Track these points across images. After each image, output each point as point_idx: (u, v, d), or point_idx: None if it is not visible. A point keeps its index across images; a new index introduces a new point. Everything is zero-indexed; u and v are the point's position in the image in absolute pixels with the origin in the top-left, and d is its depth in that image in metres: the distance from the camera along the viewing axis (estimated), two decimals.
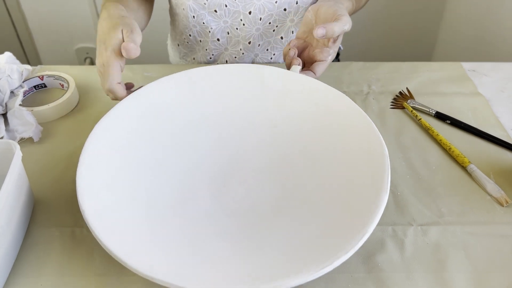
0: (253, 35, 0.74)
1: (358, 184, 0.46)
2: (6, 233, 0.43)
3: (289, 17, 0.72)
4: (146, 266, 0.38)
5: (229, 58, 0.79)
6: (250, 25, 0.72)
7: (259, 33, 0.74)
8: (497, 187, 0.52)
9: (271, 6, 0.69)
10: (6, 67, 0.63)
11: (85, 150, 0.48)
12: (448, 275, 0.44)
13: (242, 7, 0.70)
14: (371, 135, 0.49)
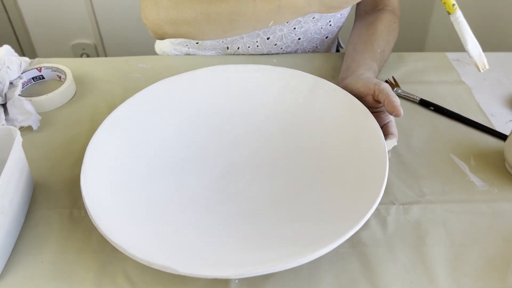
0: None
1: (357, 180, 0.49)
2: (8, 212, 0.45)
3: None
4: (142, 251, 0.40)
5: (242, 46, 0.75)
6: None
7: (281, 34, 0.73)
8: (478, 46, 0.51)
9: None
10: (5, 59, 0.65)
11: (94, 138, 0.51)
12: (428, 249, 0.47)
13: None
14: (372, 130, 0.51)
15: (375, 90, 0.54)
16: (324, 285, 0.44)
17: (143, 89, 0.58)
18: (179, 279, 0.44)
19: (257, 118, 0.60)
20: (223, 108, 0.60)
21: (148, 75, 0.71)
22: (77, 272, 0.45)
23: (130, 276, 0.44)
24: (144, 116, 0.57)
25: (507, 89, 0.69)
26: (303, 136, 0.57)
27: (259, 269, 0.39)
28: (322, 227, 0.45)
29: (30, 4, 1.40)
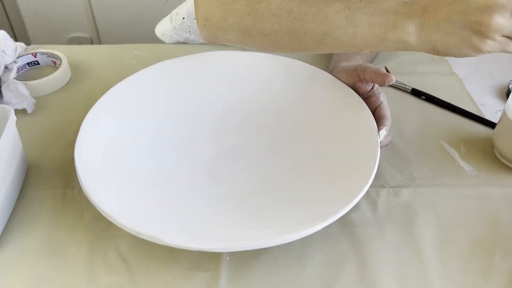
0: None
1: (349, 161, 0.50)
2: (1, 188, 0.46)
3: None
4: (135, 223, 0.41)
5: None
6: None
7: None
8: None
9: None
10: (0, 43, 0.65)
11: (90, 114, 0.52)
12: (416, 230, 0.48)
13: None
14: (366, 121, 0.52)
15: (359, 74, 0.55)
16: (314, 263, 0.44)
17: (140, 70, 0.59)
18: (170, 256, 0.45)
19: (254, 105, 0.60)
20: (221, 93, 0.60)
21: (144, 62, 0.71)
22: (69, 249, 0.45)
23: (122, 253, 0.45)
24: (141, 96, 0.57)
25: (497, 81, 0.70)
26: (298, 124, 0.58)
27: (247, 244, 0.39)
28: (313, 208, 0.46)
29: None
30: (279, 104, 0.60)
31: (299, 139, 0.56)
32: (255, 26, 0.48)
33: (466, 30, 0.40)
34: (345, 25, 0.44)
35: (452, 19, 0.40)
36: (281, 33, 0.47)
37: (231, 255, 0.45)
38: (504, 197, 0.51)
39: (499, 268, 0.44)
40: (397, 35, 0.43)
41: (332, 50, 0.47)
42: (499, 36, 0.39)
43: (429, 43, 0.42)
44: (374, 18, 0.43)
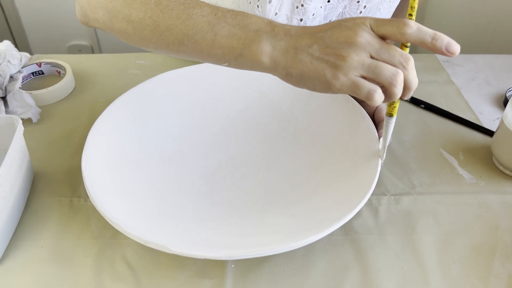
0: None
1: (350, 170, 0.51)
2: (9, 198, 0.46)
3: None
4: (142, 232, 0.42)
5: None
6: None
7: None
8: None
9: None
10: (6, 53, 0.66)
11: (96, 124, 0.53)
12: (418, 237, 0.48)
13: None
14: (366, 129, 0.53)
15: (376, 114, 0.56)
16: (317, 271, 0.45)
17: (144, 81, 0.60)
18: (176, 264, 0.45)
19: (254, 113, 0.61)
20: (222, 102, 0.62)
21: (146, 71, 0.73)
22: (76, 257, 0.46)
23: (128, 261, 0.46)
24: (145, 106, 0.58)
25: (494, 89, 0.72)
26: (299, 132, 0.59)
27: (253, 251, 0.40)
28: (316, 216, 0.46)
29: (28, 6, 1.41)
30: (279, 112, 0.61)
31: (300, 147, 0.57)
32: (122, 10, 0.46)
33: (322, 62, 0.38)
34: (205, 30, 0.42)
35: (311, 49, 0.39)
36: (144, 23, 0.45)
37: (236, 262, 0.46)
38: (503, 204, 0.52)
39: (498, 274, 0.45)
40: (253, 52, 0.41)
41: (192, 55, 0.45)
42: (353, 74, 0.38)
43: (283, 68, 0.40)
44: (235, 30, 0.41)
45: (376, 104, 0.38)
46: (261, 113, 0.61)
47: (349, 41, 0.38)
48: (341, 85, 0.38)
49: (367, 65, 0.38)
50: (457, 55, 0.39)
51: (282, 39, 0.40)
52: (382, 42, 0.38)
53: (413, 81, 0.39)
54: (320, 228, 0.42)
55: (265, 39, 0.40)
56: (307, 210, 0.48)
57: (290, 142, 0.58)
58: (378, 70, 0.38)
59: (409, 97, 0.40)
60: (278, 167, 0.55)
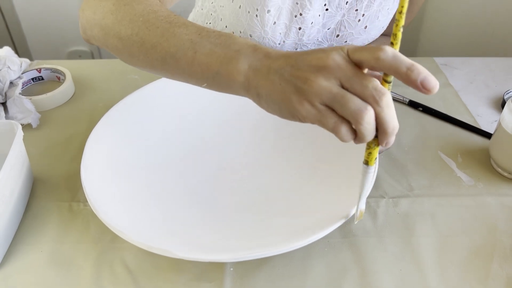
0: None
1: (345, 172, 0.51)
2: (9, 202, 0.47)
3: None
4: (141, 235, 0.42)
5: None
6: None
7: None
8: None
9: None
10: (6, 59, 0.67)
11: (95, 130, 0.53)
12: (416, 239, 0.49)
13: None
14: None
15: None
16: (316, 273, 0.45)
17: (143, 86, 0.60)
18: (175, 267, 0.46)
19: (250, 116, 0.62)
20: (219, 106, 0.62)
21: (145, 76, 0.73)
22: (75, 261, 0.46)
23: (127, 265, 0.46)
24: (144, 111, 0.59)
25: (492, 91, 0.72)
26: (296, 134, 0.59)
27: (256, 253, 0.40)
28: (314, 218, 0.47)
29: (28, 13, 1.42)
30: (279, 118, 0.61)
31: (296, 148, 0.57)
32: (113, 27, 0.47)
33: (290, 86, 0.36)
34: (187, 48, 0.42)
35: (282, 70, 0.36)
36: (132, 39, 0.46)
37: (235, 266, 0.46)
38: (501, 206, 0.53)
39: (496, 276, 0.45)
40: (229, 71, 0.39)
41: (174, 73, 0.45)
42: (318, 101, 0.35)
43: (254, 88, 0.38)
44: (216, 49, 0.40)
45: (345, 141, 0.36)
46: (256, 116, 0.62)
47: (320, 64, 0.35)
48: (307, 113, 0.35)
49: (333, 94, 0.34)
50: (455, 59, 0.37)
51: (259, 60, 0.39)
52: (357, 70, 0.34)
53: (389, 122, 0.35)
54: (317, 229, 0.42)
55: (243, 58, 0.39)
56: (308, 209, 0.49)
57: (286, 143, 0.58)
58: (344, 101, 0.34)
59: (388, 146, 0.36)
60: (275, 169, 0.56)
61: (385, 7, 0.63)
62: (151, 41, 0.44)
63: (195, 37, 0.42)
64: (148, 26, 0.45)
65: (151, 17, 0.45)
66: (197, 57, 0.41)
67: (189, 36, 0.42)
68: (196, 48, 0.41)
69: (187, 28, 0.43)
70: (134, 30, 0.45)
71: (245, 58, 0.39)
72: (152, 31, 0.44)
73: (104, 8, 0.48)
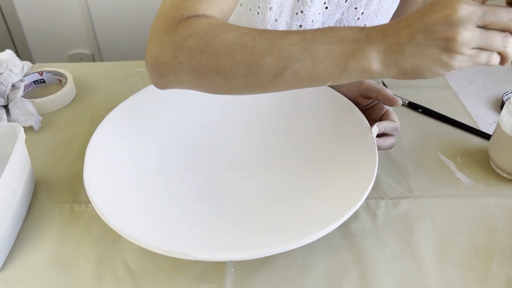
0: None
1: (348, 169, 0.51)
2: (11, 204, 0.47)
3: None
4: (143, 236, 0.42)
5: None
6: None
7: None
8: None
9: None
10: (8, 62, 0.67)
11: (96, 134, 0.54)
12: (415, 239, 0.49)
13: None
14: (358, 122, 0.54)
15: (361, 90, 0.57)
16: (316, 274, 0.46)
17: (144, 88, 0.60)
18: (176, 268, 0.46)
19: (248, 116, 0.62)
20: (220, 105, 0.62)
21: (146, 78, 0.73)
22: (77, 262, 0.46)
23: (128, 265, 0.46)
24: (144, 112, 0.59)
25: (492, 93, 0.72)
26: (293, 132, 0.60)
27: (274, 249, 0.40)
28: (314, 217, 0.47)
29: (29, 16, 1.43)
30: (271, 113, 0.62)
31: (295, 146, 0.58)
32: (208, 64, 0.44)
33: (433, 49, 0.38)
34: (303, 57, 0.41)
35: (416, 40, 0.38)
36: (236, 69, 0.43)
37: (235, 266, 0.46)
38: (500, 206, 0.53)
39: (496, 276, 0.45)
40: (360, 62, 0.40)
41: (291, 85, 0.44)
42: (467, 49, 0.37)
43: (395, 67, 0.40)
44: (333, 47, 0.40)
45: (494, 65, 0.39)
46: (254, 116, 0.62)
47: (451, 20, 0.36)
48: (460, 63, 0.38)
49: (478, 37, 0.37)
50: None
51: (382, 41, 0.39)
52: (483, 6, 0.37)
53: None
54: (317, 228, 0.42)
55: (366, 46, 0.40)
56: (314, 204, 0.49)
57: (284, 141, 0.59)
58: (489, 40, 0.37)
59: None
60: (274, 169, 0.56)
61: (384, 6, 0.63)
62: (259, 63, 0.42)
63: (304, 43, 0.41)
64: (249, 50, 0.42)
65: (247, 40, 0.43)
66: (317, 62, 0.41)
67: (298, 45, 0.41)
68: (313, 54, 0.41)
69: (289, 37, 0.42)
70: (237, 59, 0.43)
71: (368, 46, 0.40)
72: (257, 54, 0.42)
73: (188, 48, 0.44)
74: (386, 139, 0.55)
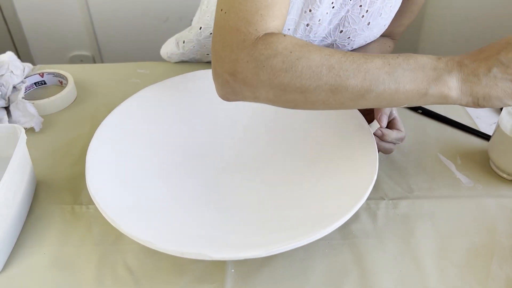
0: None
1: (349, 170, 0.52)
2: (12, 205, 0.47)
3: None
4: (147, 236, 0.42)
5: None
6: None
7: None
8: None
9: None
10: (9, 64, 0.67)
11: (96, 136, 0.54)
12: (415, 240, 0.49)
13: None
14: (364, 133, 0.54)
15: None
16: (317, 275, 0.46)
17: (143, 88, 0.61)
18: (177, 269, 0.46)
19: (247, 118, 0.62)
20: (220, 105, 0.62)
21: (146, 80, 0.74)
22: (78, 263, 0.46)
23: (129, 266, 0.46)
24: (144, 113, 0.60)
25: None
26: (292, 133, 0.60)
27: (288, 244, 0.41)
28: (314, 218, 0.47)
29: (30, 18, 1.43)
30: (275, 117, 0.62)
31: (291, 146, 0.58)
32: (292, 83, 0.45)
33: (507, 82, 0.43)
34: (388, 81, 0.44)
35: (493, 73, 0.43)
36: (320, 89, 0.45)
37: (236, 267, 0.46)
38: (500, 207, 0.53)
39: (496, 276, 0.45)
40: (439, 89, 0.44)
41: (370, 105, 0.47)
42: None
43: (470, 96, 0.44)
44: (416, 74, 0.44)
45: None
46: (253, 116, 0.62)
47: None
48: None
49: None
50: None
51: (460, 70, 0.44)
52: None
53: None
54: (318, 228, 0.42)
55: (447, 74, 0.44)
56: (314, 205, 0.49)
57: (284, 142, 0.59)
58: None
59: None
60: (272, 171, 0.56)
61: (388, 5, 0.64)
62: (344, 85, 0.45)
63: (388, 68, 0.44)
64: (336, 72, 0.44)
65: (333, 62, 0.44)
66: (401, 87, 0.44)
67: (383, 70, 0.44)
68: (397, 79, 0.44)
69: (373, 62, 0.45)
70: (323, 80, 0.45)
71: (448, 74, 0.44)
72: (343, 76, 0.44)
73: (272, 68, 0.45)
74: (385, 143, 0.56)
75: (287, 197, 0.52)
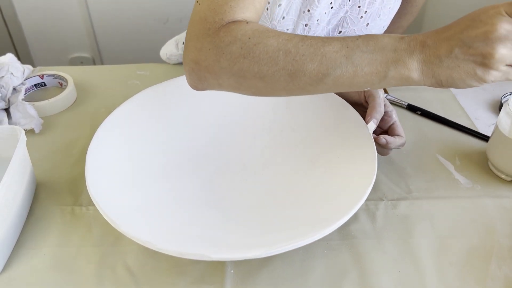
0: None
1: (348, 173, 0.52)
2: (12, 206, 0.47)
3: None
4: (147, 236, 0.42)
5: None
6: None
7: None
8: None
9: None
10: (9, 65, 0.68)
11: (96, 137, 0.54)
12: (414, 241, 0.49)
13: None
14: (363, 133, 0.54)
15: (365, 95, 0.57)
16: (316, 275, 0.46)
17: (144, 90, 0.61)
18: (176, 270, 0.46)
19: (247, 118, 0.63)
20: (220, 106, 0.63)
21: (146, 81, 0.74)
22: (78, 264, 0.47)
23: (129, 267, 0.46)
24: (144, 114, 0.60)
25: (490, 95, 0.73)
26: (292, 134, 0.60)
27: (288, 245, 0.41)
28: (313, 218, 0.47)
29: (30, 20, 1.43)
30: (275, 117, 0.62)
31: (290, 146, 0.58)
32: (251, 69, 0.45)
33: (469, 63, 0.40)
34: (345, 64, 0.43)
35: (454, 54, 0.40)
36: (278, 74, 0.45)
37: (235, 268, 0.46)
38: (499, 207, 0.53)
39: (494, 276, 0.45)
40: (399, 71, 0.42)
41: (330, 90, 0.46)
42: (502, 66, 0.39)
43: (432, 77, 0.42)
44: (374, 56, 0.42)
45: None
46: (253, 117, 0.62)
47: (490, 37, 0.38)
48: (494, 77, 0.40)
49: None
50: None
51: (422, 51, 0.42)
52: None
53: None
54: (317, 229, 0.42)
55: (407, 56, 0.42)
56: (313, 206, 0.49)
57: (283, 143, 0.59)
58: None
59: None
60: (272, 171, 0.56)
61: (387, 6, 0.64)
62: (301, 70, 0.44)
63: (346, 51, 0.43)
64: (292, 57, 0.44)
65: (290, 46, 0.44)
66: (359, 70, 0.43)
67: (340, 53, 0.43)
68: (355, 61, 0.43)
69: (331, 45, 0.44)
70: (279, 65, 0.44)
71: (408, 56, 0.42)
72: (300, 60, 0.44)
73: (231, 54, 0.45)
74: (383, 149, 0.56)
75: (286, 198, 0.52)
